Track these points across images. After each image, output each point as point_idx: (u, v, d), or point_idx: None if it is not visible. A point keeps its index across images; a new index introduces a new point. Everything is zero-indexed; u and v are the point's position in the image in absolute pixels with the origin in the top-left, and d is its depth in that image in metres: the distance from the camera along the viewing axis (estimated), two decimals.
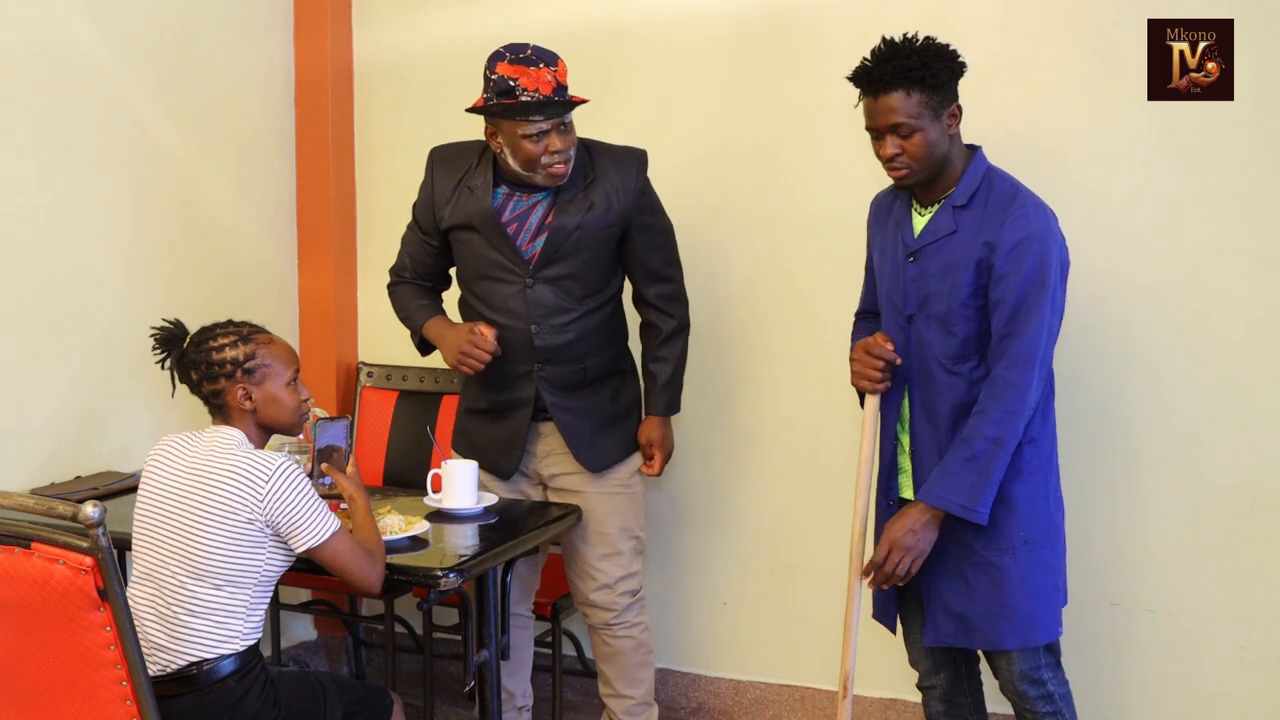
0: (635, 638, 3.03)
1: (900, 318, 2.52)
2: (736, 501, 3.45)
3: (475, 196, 2.83)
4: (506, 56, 2.68)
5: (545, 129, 2.67)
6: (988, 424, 2.35)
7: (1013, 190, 2.42)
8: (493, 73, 2.68)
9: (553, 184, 2.77)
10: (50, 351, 3.02)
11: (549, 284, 2.83)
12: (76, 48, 3.04)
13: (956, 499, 2.37)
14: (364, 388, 3.71)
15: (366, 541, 2.38)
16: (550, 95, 2.65)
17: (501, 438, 2.95)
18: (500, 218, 2.81)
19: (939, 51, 2.39)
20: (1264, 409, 2.90)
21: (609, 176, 2.83)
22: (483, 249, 2.85)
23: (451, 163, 2.91)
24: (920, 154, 2.38)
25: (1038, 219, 2.37)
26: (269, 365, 2.33)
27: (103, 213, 3.15)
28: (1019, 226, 2.35)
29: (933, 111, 2.36)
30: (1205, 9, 2.82)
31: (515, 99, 2.64)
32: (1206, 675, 3.00)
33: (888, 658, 3.22)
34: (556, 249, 2.81)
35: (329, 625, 3.83)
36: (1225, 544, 2.95)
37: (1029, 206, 2.38)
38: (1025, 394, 2.35)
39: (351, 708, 2.42)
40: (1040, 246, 2.34)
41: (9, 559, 1.97)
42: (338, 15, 3.67)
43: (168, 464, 2.31)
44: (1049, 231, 2.37)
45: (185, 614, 2.22)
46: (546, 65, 2.67)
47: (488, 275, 2.86)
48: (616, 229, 2.86)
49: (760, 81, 3.29)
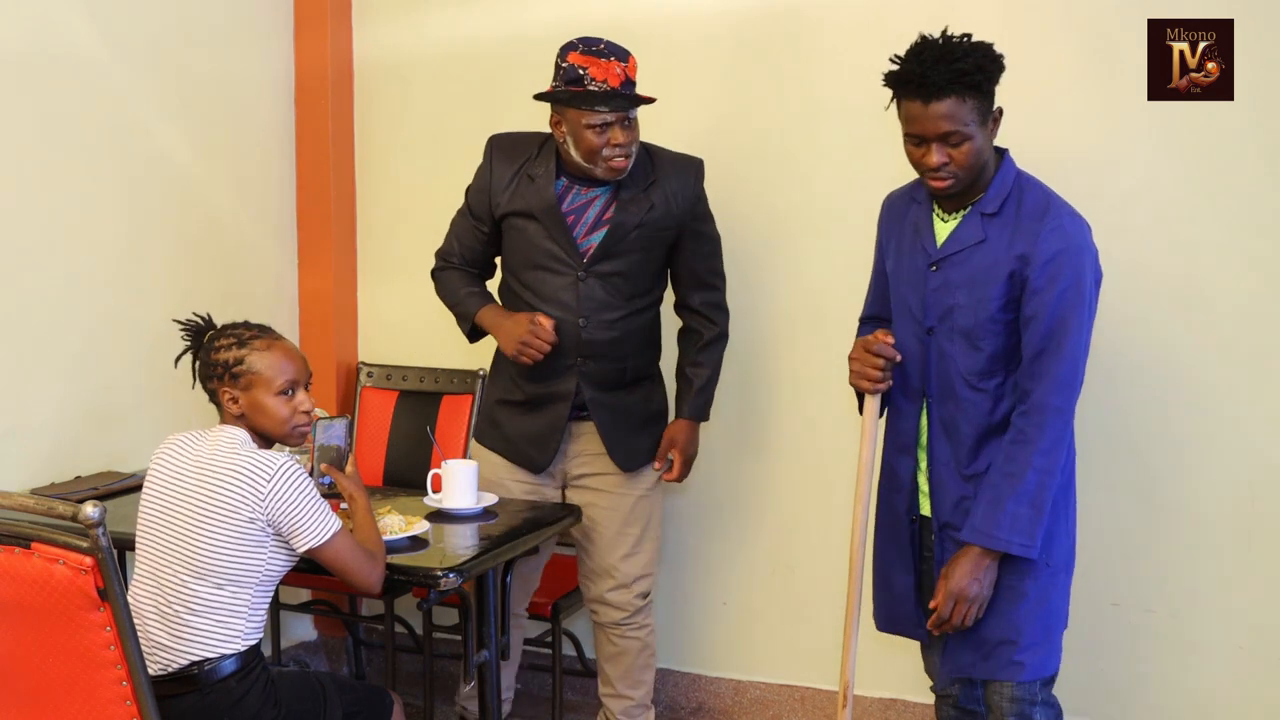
0: (642, 639, 3.05)
1: (919, 329, 2.40)
2: (737, 501, 3.45)
3: (536, 185, 2.84)
4: (579, 47, 2.71)
5: (609, 120, 2.69)
6: (1036, 454, 2.23)
7: (1045, 199, 2.30)
8: (564, 61, 2.72)
9: (612, 178, 2.79)
10: (50, 351, 3.02)
11: (600, 279, 2.84)
12: (76, 48, 3.04)
13: (1016, 538, 2.25)
14: (364, 388, 3.71)
15: (367, 542, 2.38)
16: (618, 88, 2.68)
17: (537, 430, 2.94)
18: (560, 207, 2.83)
19: (988, 53, 2.26)
20: (1264, 409, 2.90)
21: (669, 180, 2.86)
22: (539, 238, 2.85)
23: (511, 151, 2.91)
24: (968, 162, 2.26)
25: (1074, 231, 2.26)
26: (256, 373, 2.31)
27: (103, 213, 3.15)
28: (1055, 239, 2.23)
29: (981, 118, 2.25)
30: (1205, 9, 2.82)
31: (583, 88, 2.67)
32: (1206, 675, 3.00)
33: (888, 658, 3.22)
34: (614, 245, 2.82)
35: (329, 625, 3.83)
36: (1225, 544, 2.95)
37: (1065, 217, 2.27)
38: (1070, 417, 2.25)
39: (351, 708, 2.42)
40: (1076, 260, 2.24)
41: (9, 559, 1.97)
42: (338, 15, 3.67)
43: (172, 462, 2.31)
44: (1085, 244, 2.27)
45: (187, 613, 2.22)
46: (617, 59, 2.70)
47: (540, 265, 2.86)
48: (672, 232, 2.88)
49: (760, 81, 3.29)
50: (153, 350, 2.42)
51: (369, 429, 3.63)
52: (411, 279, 3.74)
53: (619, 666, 3.06)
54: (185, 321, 2.42)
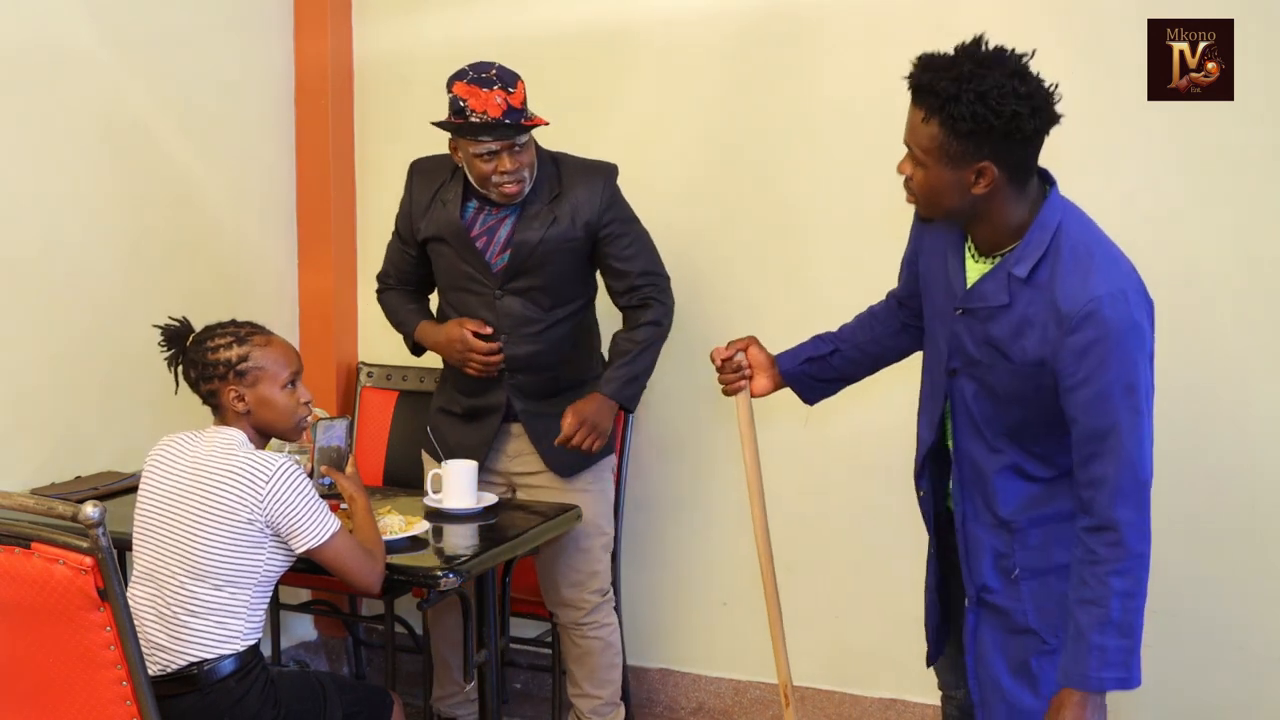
0: (604, 638, 3.06)
1: (942, 366, 2.14)
2: (737, 502, 3.44)
3: (447, 210, 2.90)
4: (467, 75, 2.72)
5: (495, 149, 2.73)
6: (1112, 575, 1.93)
7: (1085, 266, 1.94)
8: (450, 90, 2.74)
9: (507, 202, 2.83)
10: (50, 351, 3.02)
11: (517, 295, 2.89)
12: (76, 47, 3.04)
13: (1111, 674, 1.96)
14: (364, 388, 3.71)
15: (367, 541, 2.38)
16: (499, 118, 2.69)
17: (472, 441, 2.99)
18: (470, 231, 2.88)
19: (986, 92, 1.88)
20: (1264, 409, 2.90)
21: (575, 190, 2.88)
22: (455, 261, 2.92)
23: (429, 175, 2.98)
24: (921, 192, 2.01)
25: (1114, 316, 1.90)
26: (262, 368, 2.32)
27: (102, 212, 3.15)
28: (1090, 329, 1.90)
29: (949, 159, 1.93)
30: (1205, 9, 2.82)
31: (465, 119, 2.70)
32: (1206, 675, 3.00)
33: (888, 658, 3.22)
34: (521, 263, 2.87)
35: (329, 625, 3.83)
36: (1225, 544, 2.95)
37: (1103, 296, 1.90)
38: (1145, 526, 1.94)
39: (351, 708, 2.42)
40: (1120, 350, 1.90)
41: (9, 559, 1.97)
42: (338, 15, 3.67)
43: (168, 463, 2.31)
44: (1128, 326, 1.91)
45: (185, 614, 2.22)
46: (501, 87, 2.69)
47: (460, 286, 2.94)
48: (582, 241, 2.89)
49: (760, 82, 3.28)
50: (153, 350, 2.41)
51: (369, 429, 3.63)
52: None
53: (585, 667, 3.07)
54: (163, 326, 2.40)
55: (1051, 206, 2.00)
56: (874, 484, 3.26)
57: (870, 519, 3.28)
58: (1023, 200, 2.00)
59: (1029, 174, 2.00)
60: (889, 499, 3.24)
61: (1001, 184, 1.96)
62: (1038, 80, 1.95)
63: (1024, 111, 1.90)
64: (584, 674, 3.07)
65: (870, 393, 2.81)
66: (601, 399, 2.90)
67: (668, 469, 3.47)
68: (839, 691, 3.35)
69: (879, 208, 3.17)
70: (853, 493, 3.30)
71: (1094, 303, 1.90)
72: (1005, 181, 1.96)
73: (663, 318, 2.98)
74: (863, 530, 3.30)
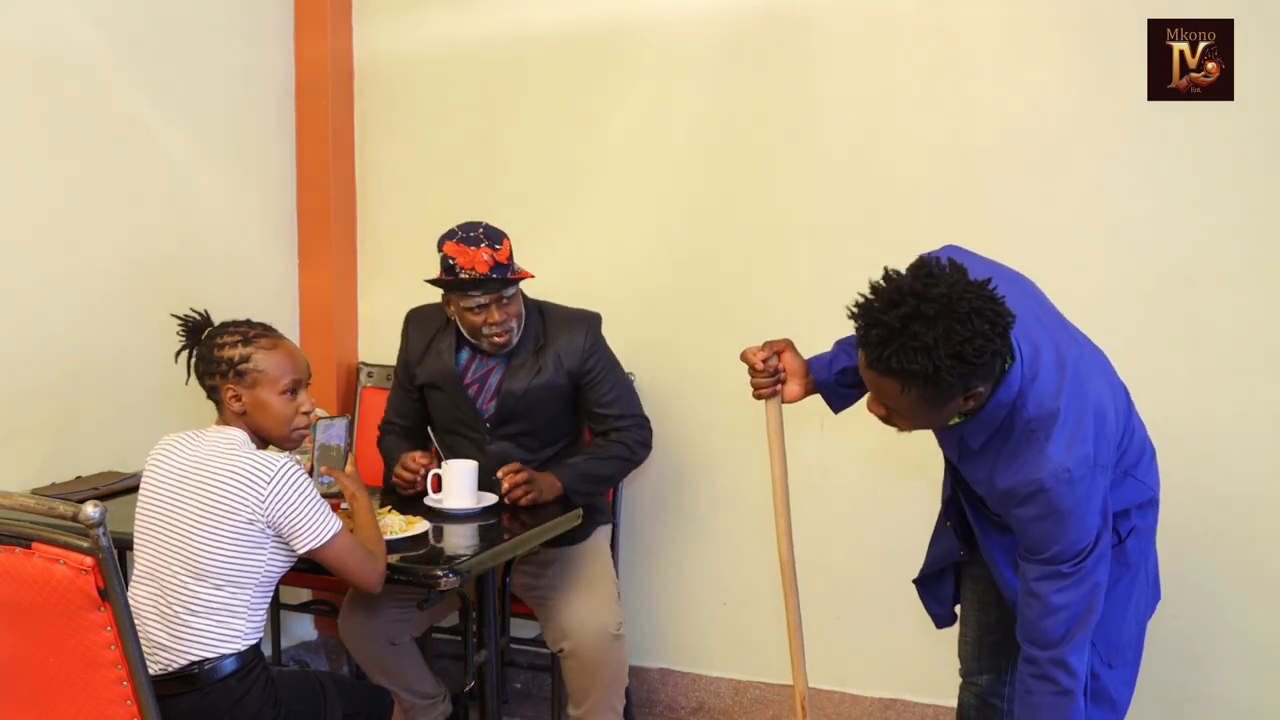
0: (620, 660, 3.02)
1: (954, 475, 2.30)
2: (737, 502, 3.45)
3: (441, 358, 3.05)
4: (456, 235, 2.87)
5: (484, 303, 2.87)
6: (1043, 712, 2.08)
7: (1028, 460, 2.00)
8: (440, 250, 2.88)
9: (497, 351, 2.97)
10: (50, 351, 3.02)
11: (507, 439, 3.01)
12: (77, 48, 3.04)
13: None
14: (364, 388, 3.71)
15: (368, 540, 2.38)
16: (487, 274, 2.83)
17: None
18: (463, 379, 3.02)
19: (961, 351, 1.85)
20: (1264, 409, 2.90)
21: (559, 340, 3.01)
22: (448, 406, 3.05)
23: (423, 324, 3.13)
24: (904, 428, 2.06)
25: (1056, 495, 1.97)
26: (262, 371, 2.32)
27: (103, 212, 3.15)
28: (1033, 505, 1.99)
29: (935, 407, 1.97)
30: (1205, 9, 2.82)
31: (454, 276, 2.85)
32: (1206, 675, 3.00)
33: (888, 658, 3.22)
34: (509, 411, 3.00)
35: (329, 625, 3.82)
36: (1226, 545, 2.95)
37: (1045, 478, 1.97)
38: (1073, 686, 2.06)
39: (351, 708, 2.42)
40: (1056, 528, 1.99)
41: (10, 559, 1.97)
42: (338, 15, 3.67)
43: (169, 463, 2.31)
44: (1069, 507, 1.97)
45: (186, 614, 2.22)
46: (488, 245, 2.84)
47: (452, 430, 3.07)
48: (566, 388, 3.02)
49: (759, 82, 3.28)
50: (153, 349, 2.41)
51: (369, 429, 3.63)
52: (411, 279, 3.72)
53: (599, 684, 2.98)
54: (183, 317, 2.41)
55: (1007, 387, 2.00)
56: (875, 485, 3.26)
57: (871, 520, 3.28)
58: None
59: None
60: (889, 500, 3.25)
61: (982, 398, 1.99)
62: (989, 292, 1.91)
63: (997, 344, 1.90)
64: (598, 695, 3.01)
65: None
66: (551, 477, 2.93)
67: (667, 469, 3.47)
68: (839, 691, 3.35)
69: (878, 207, 3.17)
70: (853, 494, 3.30)
71: (1033, 485, 1.97)
72: (981, 395, 1.98)
73: (637, 450, 3.06)
74: (863, 531, 3.30)
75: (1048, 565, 2.03)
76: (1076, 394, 2.02)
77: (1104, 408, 2.06)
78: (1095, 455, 2.01)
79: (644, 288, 3.43)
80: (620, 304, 3.28)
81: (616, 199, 3.47)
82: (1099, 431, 2.03)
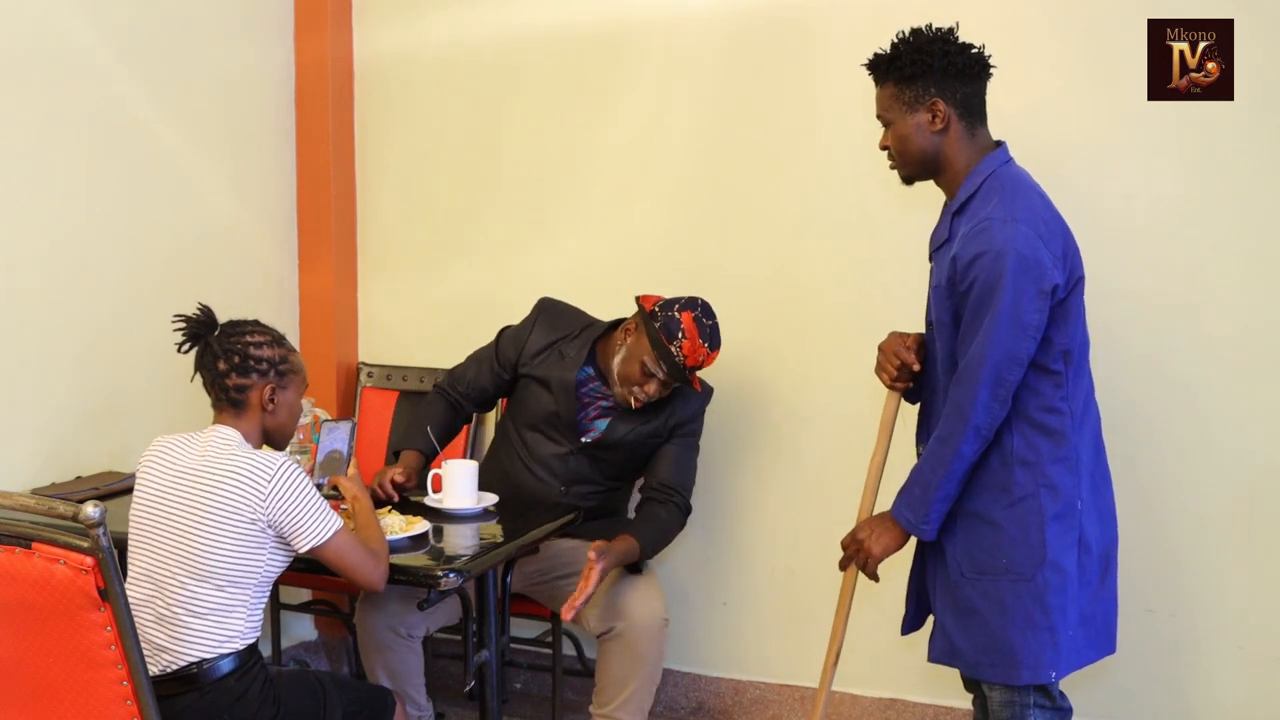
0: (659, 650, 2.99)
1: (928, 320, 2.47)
2: (737, 502, 3.45)
3: (564, 363, 3.03)
4: (697, 311, 2.90)
5: (657, 374, 2.90)
6: (934, 439, 2.32)
7: (992, 200, 2.26)
8: (677, 313, 2.89)
9: (625, 405, 2.98)
10: (50, 352, 3.02)
11: (590, 458, 3.03)
12: (77, 47, 3.04)
13: (906, 513, 2.38)
14: (364, 388, 3.71)
15: (370, 541, 2.39)
16: (687, 366, 2.88)
17: None
18: (578, 390, 3.02)
19: (919, 45, 2.32)
20: (1264, 409, 2.90)
21: (676, 404, 3.03)
22: (547, 405, 3.04)
23: (555, 321, 3.11)
24: (897, 148, 2.37)
25: (1001, 237, 2.19)
26: (297, 373, 2.38)
27: (102, 212, 3.15)
28: (976, 243, 2.22)
29: (905, 105, 2.33)
30: (1205, 9, 2.82)
31: (671, 344, 2.87)
32: (1206, 675, 3.00)
33: (888, 658, 3.22)
34: (609, 441, 3.02)
35: (329, 625, 3.83)
36: (1225, 544, 2.95)
37: (995, 221, 2.21)
38: (967, 412, 2.23)
39: (351, 708, 2.42)
40: (993, 265, 2.18)
41: (10, 559, 1.97)
42: (338, 15, 3.67)
43: (165, 465, 2.30)
44: (1006, 249, 2.18)
45: (186, 614, 2.21)
46: (708, 347, 2.90)
47: (540, 430, 3.06)
48: (662, 439, 3.04)
49: (760, 82, 3.28)
50: (153, 350, 2.41)
51: (369, 429, 3.63)
52: (411, 279, 3.75)
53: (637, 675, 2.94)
54: (192, 315, 2.37)
55: (991, 158, 2.33)
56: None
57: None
58: (973, 146, 2.34)
59: (976, 117, 2.35)
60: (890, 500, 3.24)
61: (953, 121, 2.32)
62: (965, 43, 2.35)
63: (953, 51, 2.30)
64: (635, 685, 2.97)
65: (872, 398, 2.81)
66: (631, 541, 2.88)
67: None
68: (839, 691, 3.35)
69: (878, 207, 3.17)
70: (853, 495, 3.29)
71: (985, 222, 2.22)
72: (956, 119, 2.32)
73: (677, 524, 3.04)
74: None
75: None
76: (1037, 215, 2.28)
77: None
78: (1040, 229, 2.23)
79: (644, 287, 3.43)
80: (620, 304, 3.27)
81: (616, 199, 3.47)
82: (1048, 237, 2.25)
